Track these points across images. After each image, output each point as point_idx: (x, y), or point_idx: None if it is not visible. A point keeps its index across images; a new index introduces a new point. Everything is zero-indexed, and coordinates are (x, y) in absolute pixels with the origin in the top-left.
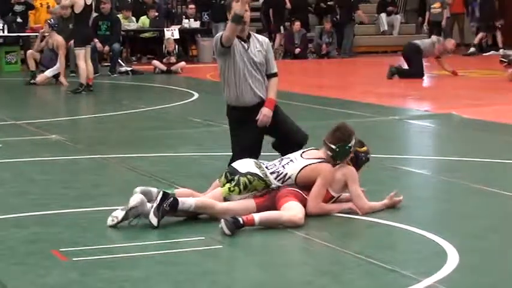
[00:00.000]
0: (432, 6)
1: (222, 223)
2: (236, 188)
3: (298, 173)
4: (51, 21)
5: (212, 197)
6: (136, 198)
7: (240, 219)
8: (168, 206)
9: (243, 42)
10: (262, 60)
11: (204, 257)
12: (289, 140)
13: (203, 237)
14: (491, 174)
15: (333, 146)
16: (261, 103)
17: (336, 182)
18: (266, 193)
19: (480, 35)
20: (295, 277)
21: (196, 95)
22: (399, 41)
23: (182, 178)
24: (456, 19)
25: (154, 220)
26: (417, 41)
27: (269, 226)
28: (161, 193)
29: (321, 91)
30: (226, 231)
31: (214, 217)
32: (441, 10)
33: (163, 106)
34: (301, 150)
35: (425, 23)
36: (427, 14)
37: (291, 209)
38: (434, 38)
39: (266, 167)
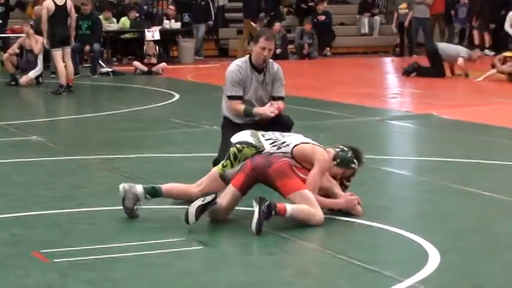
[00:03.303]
0: (399, 7)
1: (254, 217)
2: (228, 161)
3: (296, 144)
4: (31, 21)
5: (208, 177)
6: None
7: (273, 210)
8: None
9: (258, 74)
10: (269, 96)
11: (184, 258)
12: (277, 121)
13: (184, 238)
14: (471, 175)
15: (346, 148)
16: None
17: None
18: (245, 166)
19: (477, 34)
20: (277, 278)
21: (177, 96)
22: (379, 42)
23: (162, 178)
24: (437, 19)
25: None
26: (439, 44)
27: (296, 220)
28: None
29: (302, 92)
30: (253, 228)
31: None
32: (408, 11)
33: (144, 107)
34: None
35: (393, 24)
36: (395, 14)
37: (315, 206)
38: (462, 51)
39: (263, 135)
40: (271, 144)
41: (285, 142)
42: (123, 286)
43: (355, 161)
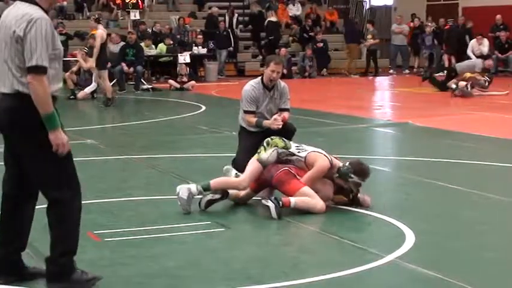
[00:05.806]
0: (368, 37)
1: (271, 208)
2: (262, 147)
3: (309, 152)
4: (85, 49)
5: (250, 164)
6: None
7: (280, 202)
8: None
9: (268, 92)
10: (277, 108)
11: (210, 238)
12: (282, 127)
13: (209, 222)
14: (439, 171)
15: (347, 164)
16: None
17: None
18: (261, 177)
19: (446, 57)
20: (284, 253)
21: (203, 108)
22: (365, 64)
23: (192, 173)
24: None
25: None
26: (457, 65)
27: (299, 210)
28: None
29: (304, 104)
30: (274, 215)
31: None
32: (373, 41)
33: (177, 116)
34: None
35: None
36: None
37: (315, 197)
38: (477, 62)
39: (293, 142)
40: (296, 147)
41: (303, 148)
42: (160, 260)
43: (352, 176)
